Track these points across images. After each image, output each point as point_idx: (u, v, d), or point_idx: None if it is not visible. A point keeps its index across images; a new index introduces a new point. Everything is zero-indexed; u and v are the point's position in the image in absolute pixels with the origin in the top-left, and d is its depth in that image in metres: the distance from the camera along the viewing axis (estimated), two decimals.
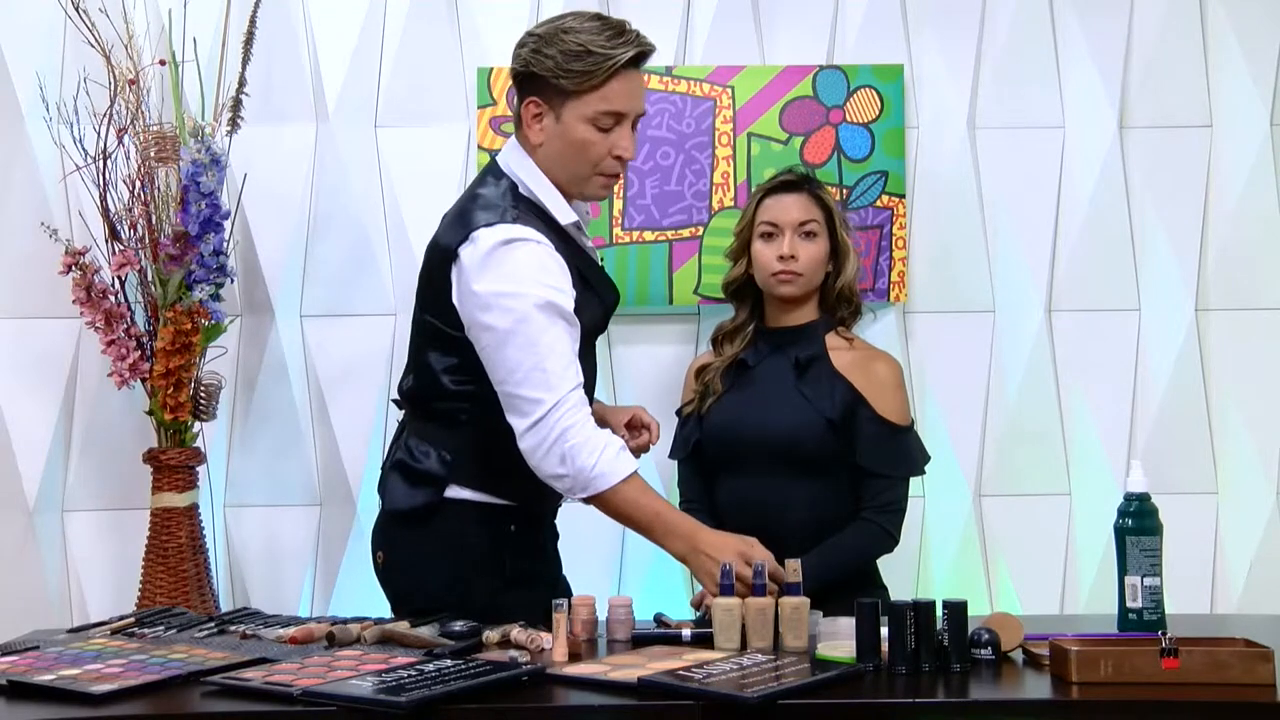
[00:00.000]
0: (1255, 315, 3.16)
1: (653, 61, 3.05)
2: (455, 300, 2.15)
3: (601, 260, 2.39)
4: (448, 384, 2.22)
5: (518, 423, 2.10)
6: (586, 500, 2.12)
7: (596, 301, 2.24)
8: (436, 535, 2.22)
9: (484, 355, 2.13)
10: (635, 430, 2.39)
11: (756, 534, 2.42)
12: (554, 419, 2.07)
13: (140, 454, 2.92)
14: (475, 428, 2.21)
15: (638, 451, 2.34)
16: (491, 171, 2.26)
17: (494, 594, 2.18)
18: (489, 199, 2.19)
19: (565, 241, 2.20)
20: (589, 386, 2.22)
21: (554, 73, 2.16)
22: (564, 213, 2.20)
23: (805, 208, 2.56)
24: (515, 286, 2.09)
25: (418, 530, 2.23)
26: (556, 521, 2.40)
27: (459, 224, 2.17)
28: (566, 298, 2.13)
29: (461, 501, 2.22)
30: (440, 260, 2.18)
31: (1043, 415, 3.17)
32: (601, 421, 2.27)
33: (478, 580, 2.20)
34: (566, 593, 2.30)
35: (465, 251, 2.13)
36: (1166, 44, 3.17)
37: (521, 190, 2.21)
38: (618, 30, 2.19)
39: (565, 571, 2.42)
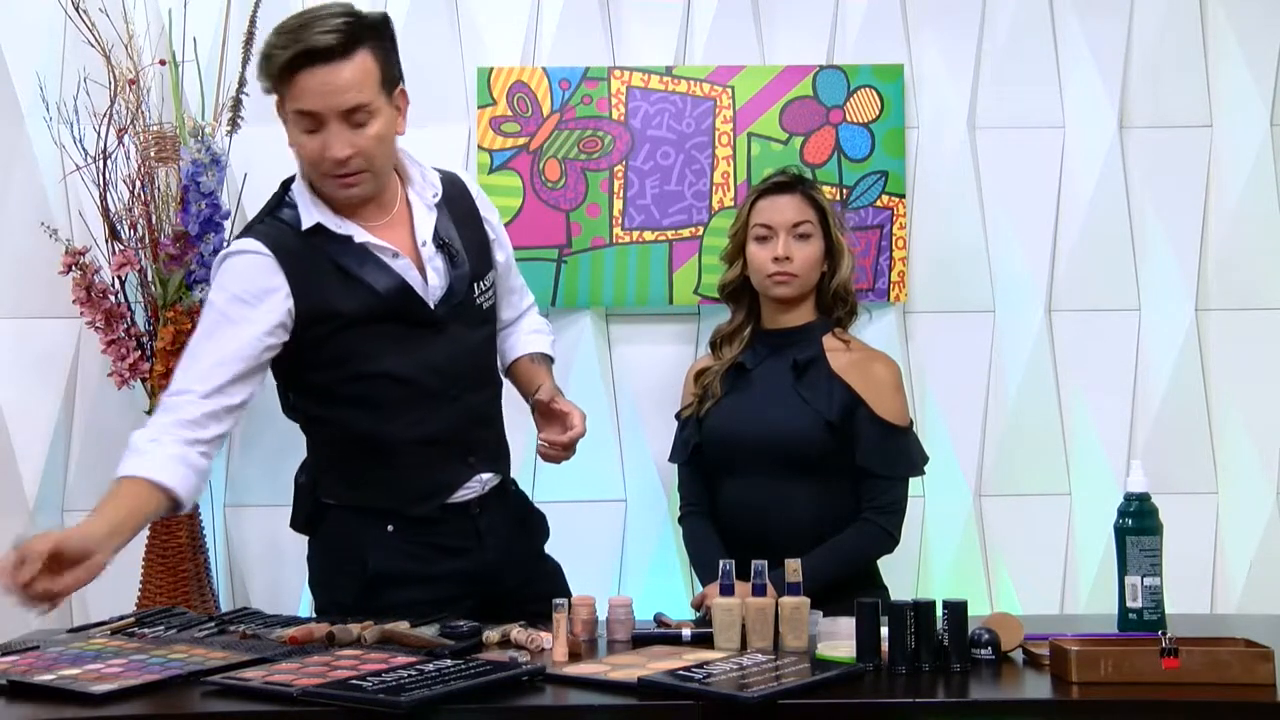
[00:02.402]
0: (1255, 315, 3.16)
1: (653, 61, 3.11)
2: None
3: (460, 252, 2.27)
4: (285, 403, 2.33)
5: None
6: None
7: (364, 291, 2.16)
8: (319, 540, 2.32)
9: None
10: (549, 420, 2.31)
11: (757, 536, 2.44)
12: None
13: None
14: (317, 441, 2.32)
15: (557, 447, 2.29)
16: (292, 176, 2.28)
17: (360, 594, 2.22)
18: (261, 210, 2.27)
19: (322, 238, 2.17)
20: (423, 368, 2.21)
21: (260, 80, 2.16)
22: (307, 216, 2.18)
23: (799, 209, 2.56)
24: (209, 297, 2.18)
25: (313, 537, 2.33)
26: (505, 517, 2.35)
27: None
28: (243, 306, 2.12)
29: (336, 507, 2.28)
30: None
31: (1043, 415, 3.17)
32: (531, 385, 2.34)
33: (341, 580, 2.26)
34: (486, 588, 2.28)
35: None
36: (1166, 44, 3.17)
37: (291, 192, 2.23)
38: (286, 29, 2.11)
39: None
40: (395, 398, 2.20)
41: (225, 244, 2.86)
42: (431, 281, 2.22)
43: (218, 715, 1.73)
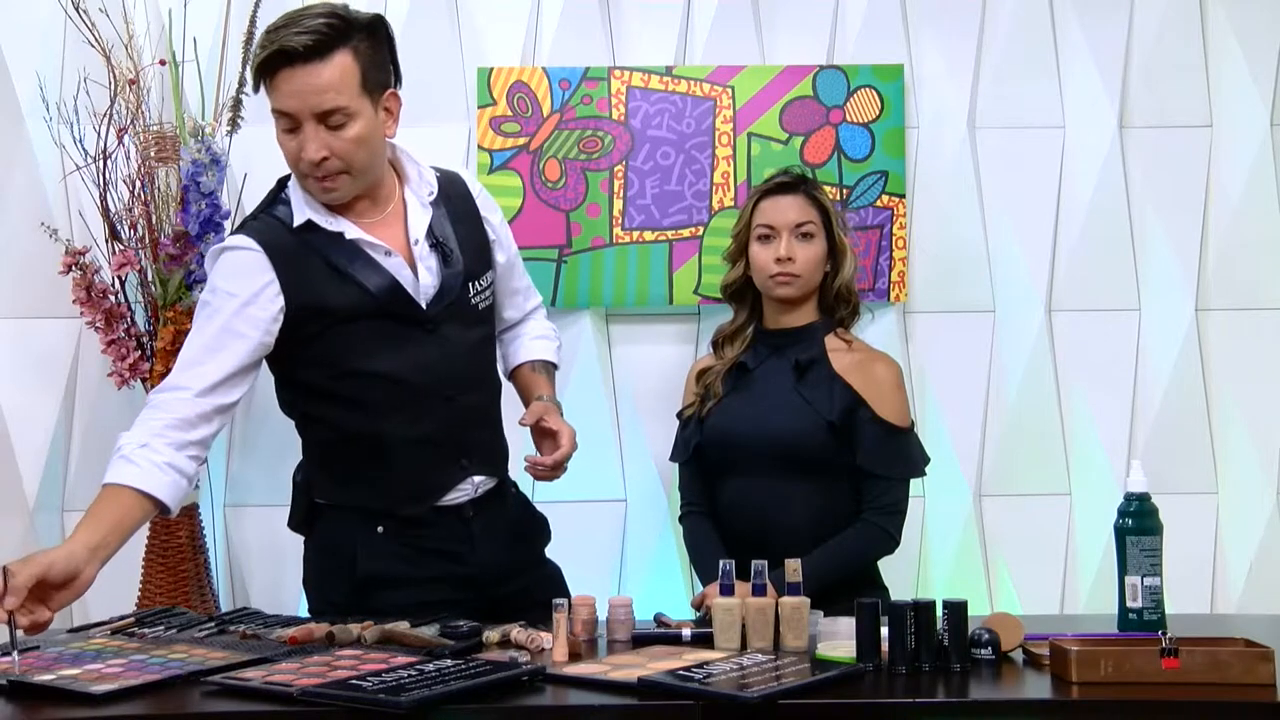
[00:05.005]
0: (1255, 315, 3.16)
1: (653, 61, 3.12)
2: None
3: (448, 252, 2.25)
4: (280, 402, 2.33)
5: None
6: None
7: (355, 288, 2.16)
8: (313, 541, 2.34)
9: None
10: (543, 437, 2.31)
11: (757, 536, 2.44)
12: None
13: None
14: (310, 440, 2.33)
15: (541, 467, 2.26)
16: None
17: (351, 595, 2.22)
18: (257, 206, 2.27)
19: (313, 235, 2.17)
20: (414, 368, 2.20)
21: (250, 79, 2.20)
22: (299, 213, 2.18)
23: (802, 209, 2.56)
24: (203, 293, 2.19)
25: (308, 538, 2.35)
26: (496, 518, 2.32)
27: None
28: (234, 302, 2.12)
29: (330, 507, 2.29)
30: None
31: (1043, 415, 3.17)
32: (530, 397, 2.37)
33: (333, 581, 2.27)
34: (472, 594, 2.24)
35: None
36: (1166, 44, 3.17)
37: (286, 189, 2.23)
38: (270, 28, 2.12)
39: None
40: (387, 397, 2.20)
41: None
42: (424, 280, 2.21)
43: (218, 715, 1.73)
